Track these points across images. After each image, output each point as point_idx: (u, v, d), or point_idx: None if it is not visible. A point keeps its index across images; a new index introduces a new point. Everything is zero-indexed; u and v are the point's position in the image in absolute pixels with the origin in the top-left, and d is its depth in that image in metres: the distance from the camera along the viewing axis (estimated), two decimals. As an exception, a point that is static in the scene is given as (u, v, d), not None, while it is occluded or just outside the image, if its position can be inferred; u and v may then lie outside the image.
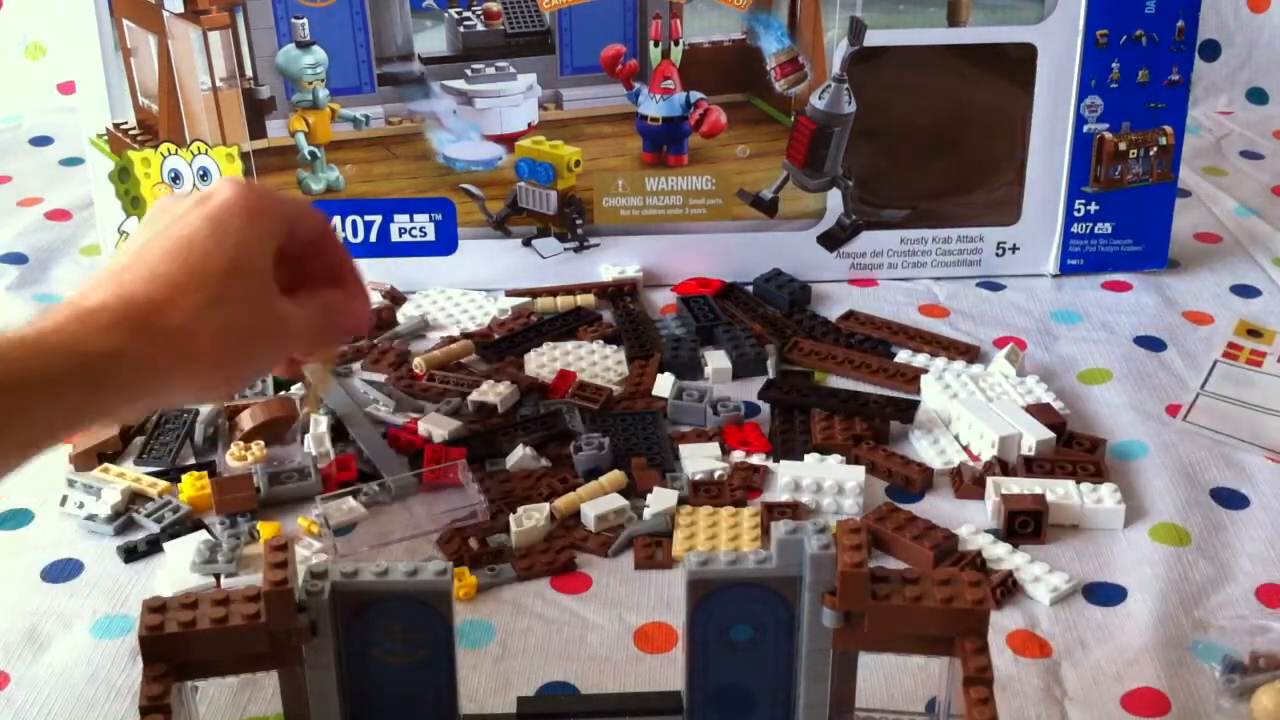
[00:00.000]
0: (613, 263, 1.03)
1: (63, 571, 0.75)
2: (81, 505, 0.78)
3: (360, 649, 0.52)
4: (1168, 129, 1.01)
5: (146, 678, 0.49)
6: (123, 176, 0.99)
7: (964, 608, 0.50)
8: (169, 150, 0.98)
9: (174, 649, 0.49)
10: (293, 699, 0.51)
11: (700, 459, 0.82)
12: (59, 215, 1.16)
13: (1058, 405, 0.86)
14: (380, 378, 0.91)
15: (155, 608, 0.50)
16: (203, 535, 0.76)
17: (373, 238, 1.02)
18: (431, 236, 1.02)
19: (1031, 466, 0.80)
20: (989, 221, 1.04)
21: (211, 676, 0.51)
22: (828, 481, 0.78)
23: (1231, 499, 0.80)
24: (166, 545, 0.75)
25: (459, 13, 0.97)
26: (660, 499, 0.78)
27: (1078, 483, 0.78)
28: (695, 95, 0.99)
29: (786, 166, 1.01)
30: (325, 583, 0.50)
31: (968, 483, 0.80)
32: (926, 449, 0.83)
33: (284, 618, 0.49)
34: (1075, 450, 0.82)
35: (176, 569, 0.74)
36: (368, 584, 0.50)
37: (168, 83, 0.97)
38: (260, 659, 0.50)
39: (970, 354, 0.94)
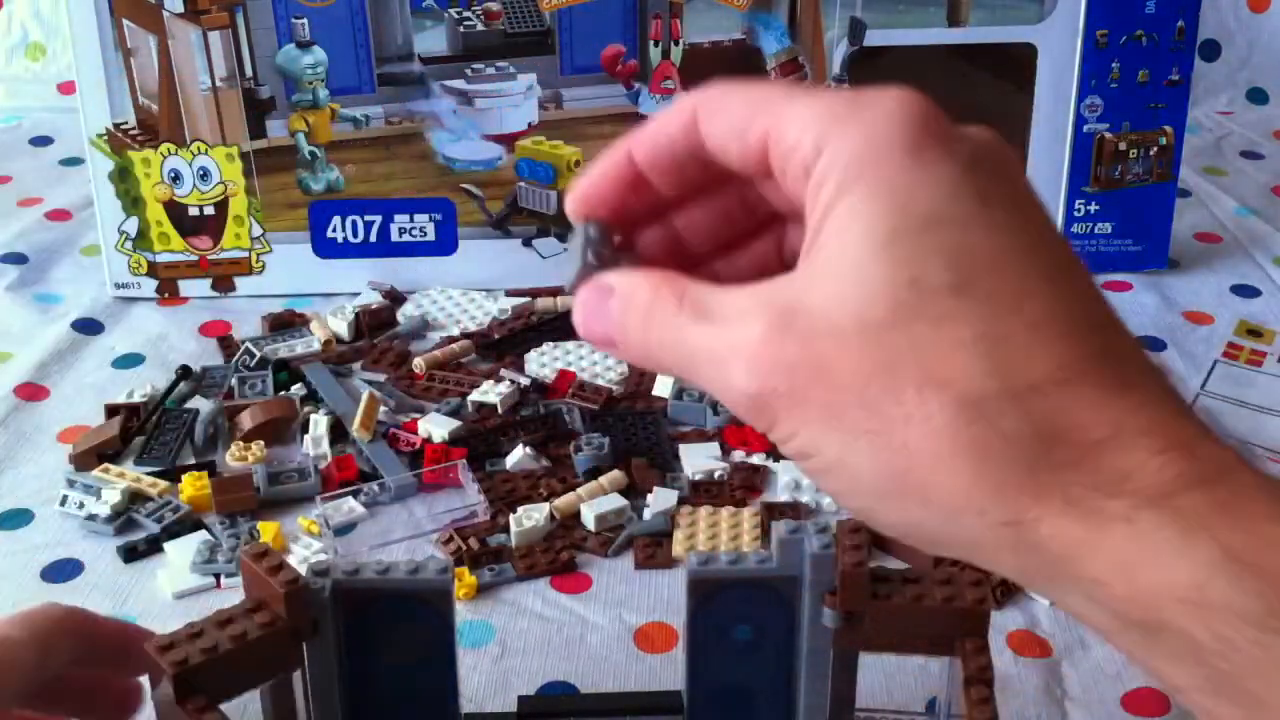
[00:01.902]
0: (613, 263, 1.03)
1: (63, 571, 0.75)
2: (81, 505, 0.78)
3: (360, 648, 0.52)
4: (1168, 129, 1.01)
5: (191, 714, 0.48)
6: (123, 176, 0.99)
7: (964, 607, 0.50)
8: (169, 150, 0.98)
9: (206, 679, 0.48)
10: (281, 701, 0.51)
11: (700, 459, 0.82)
12: (59, 215, 1.16)
13: (1058, 405, 0.86)
14: (380, 378, 0.91)
15: (165, 646, 0.48)
16: (203, 535, 0.76)
17: (373, 238, 1.02)
18: (431, 236, 1.02)
19: (1031, 466, 0.80)
20: (989, 221, 1.04)
21: (236, 696, 0.51)
22: (828, 481, 0.78)
23: (1231, 499, 0.80)
24: (166, 545, 0.75)
25: (459, 13, 0.97)
26: (660, 499, 0.78)
27: (1078, 483, 0.78)
28: (695, 95, 0.99)
29: (786, 166, 1.01)
30: (327, 581, 0.50)
31: (968, 483, 0.79)
32: (926, 449, 0.83)
33: (303, 614, 0.49)
34: (1075, 450, 0.82)
35: (176, 569, 0.74)
36: (369, 582, 0.50)
37: (168, 83, 0.97)
38: (280, 664, 0.50)
39: (970, 354, 0.94)
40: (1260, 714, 0.30)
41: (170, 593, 0.73)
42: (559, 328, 0.96)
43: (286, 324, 0.97)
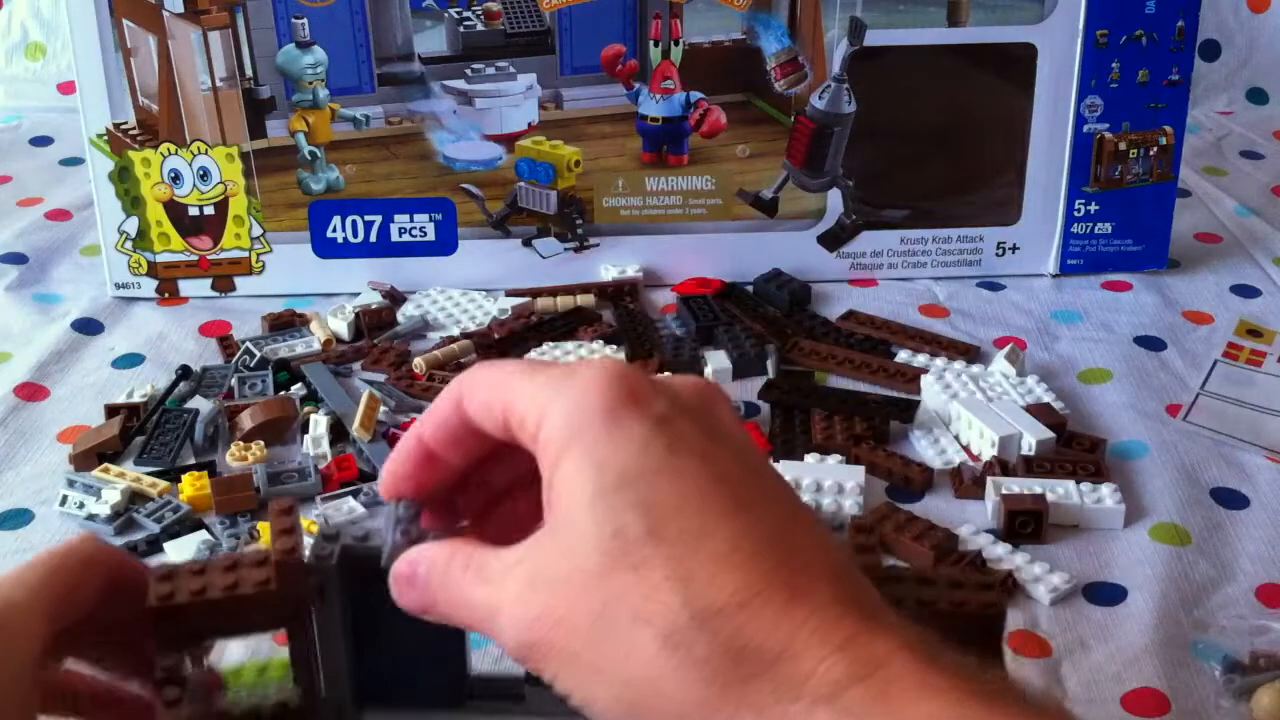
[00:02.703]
0: (613, 263, 1.03)
1: (63, 571, 0.75)
2: (81, 505, 0.78)
3: (369, 611, 0.51)
4: (1168, 129, 1.01)
5: (159, 649, 0.48)
6: (123, 176, 0.99)
7: (978, 611, 0.49)
8: (169, 150, 0.98)
9: (186, 618, 0.48)
10: (301, 657, 0.51)
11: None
12: (59, 215, 1.16)
13: (1058, 405, 0.86)
14: (380, 378, 0.91)
15: (165, 576, 0.48)
16: (203, 535, 0.76)
17: (373, 238, 1.02)
18: (431, 236, 1.02)
19: (1031, 466, 0.80)
20: (989, 221, 1.04)
21: (222, 638, 0.51)
22: (828, 481, 0.78)
23: (1231, 499, 0.80)
24: (166, 545, 0.75)
25: (459, 13, 0.97)
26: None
27: (1078, 483, 0.78)
28: (695, 95, 0.99)
29: (786, 166, 1.01)
30: (335, 546, 0.50)
31: (968, 483, 0.80)
32: (926, 449, 0.83)
33: (295, 585, 0.49)
34: (1075, 450, 0.82)
35: (176, 569, 0.74)
36: (378, 550, 0.50)
37: (168, 83, 0.97)
38: (270, 621, 0.50)
39: (970, 354, 0.94)
40: None
41: (170, 593, 0.73)
42: (559, 327, 0.96)
43: (286, 324, 0.97)
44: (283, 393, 0.88)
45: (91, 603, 0.49)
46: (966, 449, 0.83)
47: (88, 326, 0.99)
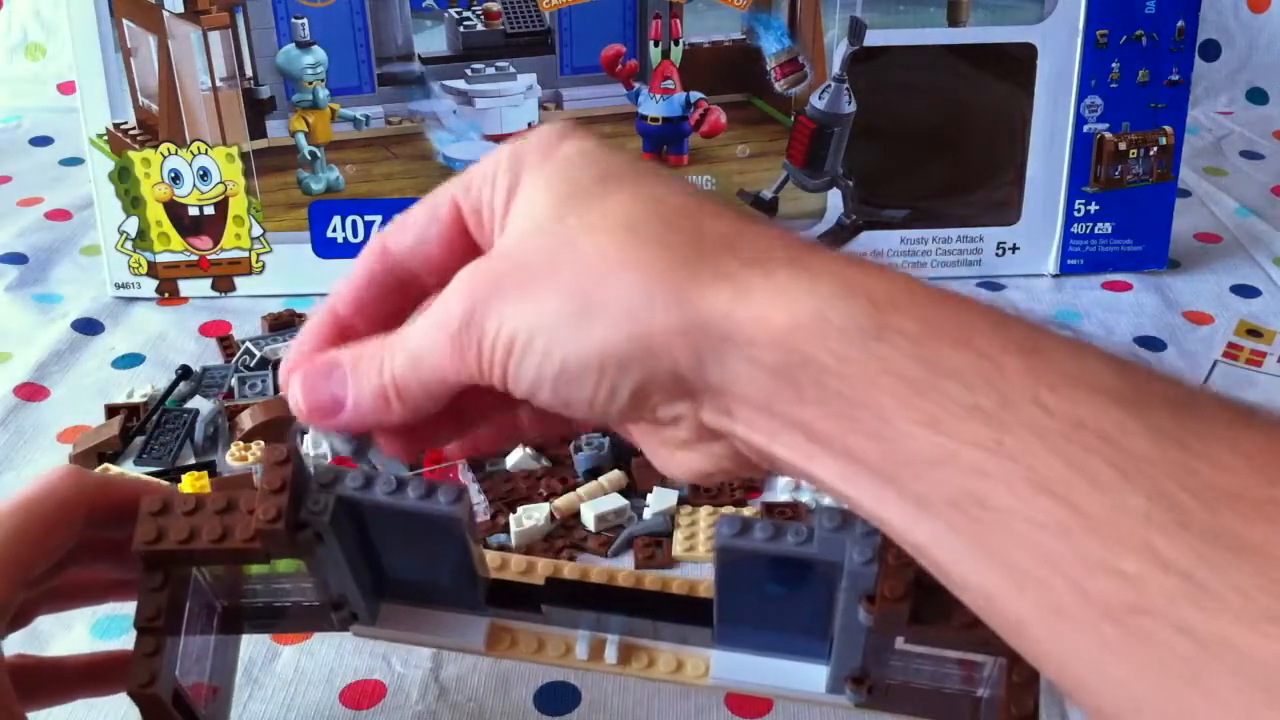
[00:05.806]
0: (613, 263, 1.03)
1: (63, 571, 0.75)
2: (81, 505, 0.78)
3: (377, 538, 0.50)
4: (1168, 129, 1.01)
5: (143, 589, 0.46)
6: (123, 176, 0.99)
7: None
8: (169, 150, 0.98)
9: (173, 558, 0.47)
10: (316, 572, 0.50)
11: (700, 459, 0.81)
12: (59, 215, 1.16)
13: (1058, 405, 0.86)
14: (380, 378, 0.91)
15: (156, 511, 0.46)
16: (203, 535, 0.76)
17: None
18: (431, 236, 1.02)
19: (1031, 466, 0.80)
20: (989, 221, 1.04)
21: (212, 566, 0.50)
22: (828, 481, 0.78)
23: (1231, 499, 0.80)
24: (166, 545, 0.75)
25: (459, 13, 0.97)
26: (660, 499, 0.78)
27: (1078, 483, 0.78)
28: (695, 95, 0.99)
29: (786, 166, 1.01)
30: (330, 497, 0.47)
31: (968, 483, 0.79)
32: (926, 449, 0.83)
33: (281, 547, 0.47)
34: (1075, 450, 0.82)
35: (176, 569, 0.74)
36: (376, 500, 0.47)
37: (168, 83, 0.97)
38: (266, 559, 0.48)
39: (970, 354, 0.94)
40: (866, 417, 0.34)
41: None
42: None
43: (286, 324, 0.97)
44: (282, 392, 0.88)
45: (69, 544, 0.47)
46: (966, 449, 0.83)
47: (88, 326, 0.99)
